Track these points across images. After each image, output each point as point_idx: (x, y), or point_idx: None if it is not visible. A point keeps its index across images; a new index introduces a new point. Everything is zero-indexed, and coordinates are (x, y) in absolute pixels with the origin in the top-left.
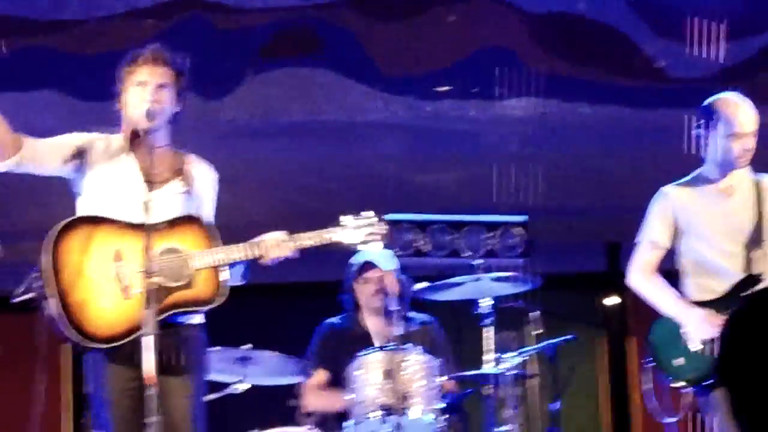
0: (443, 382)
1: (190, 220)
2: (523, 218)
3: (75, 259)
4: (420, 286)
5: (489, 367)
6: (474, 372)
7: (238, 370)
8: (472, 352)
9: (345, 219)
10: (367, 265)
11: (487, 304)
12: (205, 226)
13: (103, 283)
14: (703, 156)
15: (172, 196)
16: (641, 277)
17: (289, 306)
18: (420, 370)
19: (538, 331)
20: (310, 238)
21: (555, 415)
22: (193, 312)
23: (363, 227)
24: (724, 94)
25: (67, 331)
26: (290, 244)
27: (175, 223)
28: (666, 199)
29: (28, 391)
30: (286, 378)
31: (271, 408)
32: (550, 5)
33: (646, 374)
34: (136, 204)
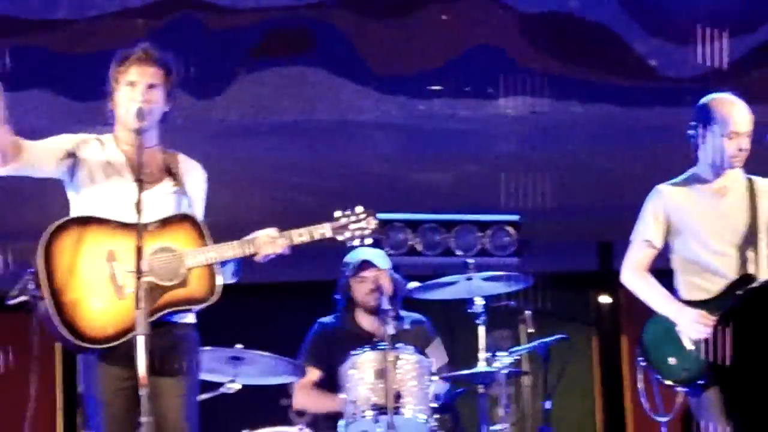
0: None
1: (183, 219)
2: (516, 217)
3: (68, 260)
4: (412, 285)
5: (481, 366)
6: (467, 371)
7: (230, 370)
8: (464, 351)
9: (337, 214)
10: (364, 264)
11: (480, 304)
12: (197, 225)
13: (97, 283)
14: (697, 156)
15: (164, 196)
16: (635, 275)
17: (281, 306)
18: (412, 370)
19: (531, 330)
20: (301, 235)
21: (547, 414)
22: (187, 311)
23: (354, 222)
24: (720, 94)
25: (62, 333)
26: (282, 241)
27: (168, 221)
28: (660, 198)
29: (21, 392)
30: (278, 378)
31: (263, 408)
32: (543, 4)
33: (640, 373)
34: (129, 204)
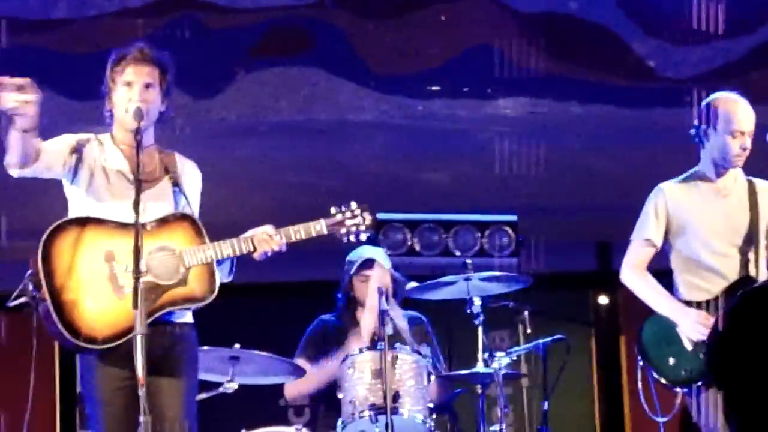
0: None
1: (181, 218)
2: (514, 218)
3: (67, 260)
4: (410, 285)
5: (480, 367)
6: (465, 371)
7: (228, 370)
8: (463, 351)
9: (333, 211)
10: (368, 262)
11: (478, 304)
12: (195, 223)
13: (96, 283)
14: (699, 155)
15: (162, 195)
16: (635, 274)
17: (279, 305)
18: (410, 370)
19: (529, 331)
20: (297, 231)
21: (546, 415)
22: (186, 309)
23: (349, 218)
24: (724, 93)
25: (63, 333)
26: (279, 238)
27: (166, 221)
28: (662, 196)
29: (20, 392)
30: (276, 378)
31: (261, 407)
32: (542, 4)
33: (640, 371)
34: (128, 203)
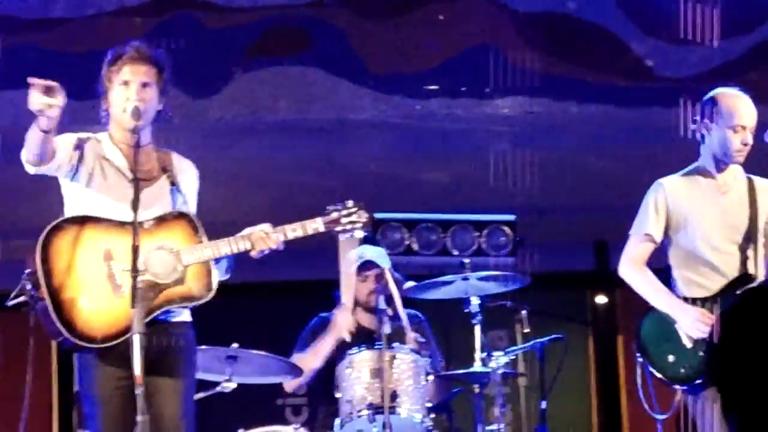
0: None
1: (179, 216)
2: (512, 217)
3: (65, 259)
4: (408, 285)
5: (477, 366)
6: (462, 371)
7: (226, 369)
8: (460, 351)
9: (329, 209)
10: (367, 263)
11: (476, 303)
12: (193, 222)
13: (95, 282)
14: (699, 150)
15: (160, 193)
16: (634, 269)
17: (277, 305)
18: (408, 369)
19: (527, 330)
20: (294, 230)
21: (543, 414)
22: (185, 308)
23: (345, 216)
24: (726, 88)
25: (62, 332)
26: (276, 236)
27: (164, 219)
28: (662, 191)
29: (17, 391)
30: (274, 377)
31: (259, 407)
32: (540, 4)
33: (639, 368)
34: (127, 202)
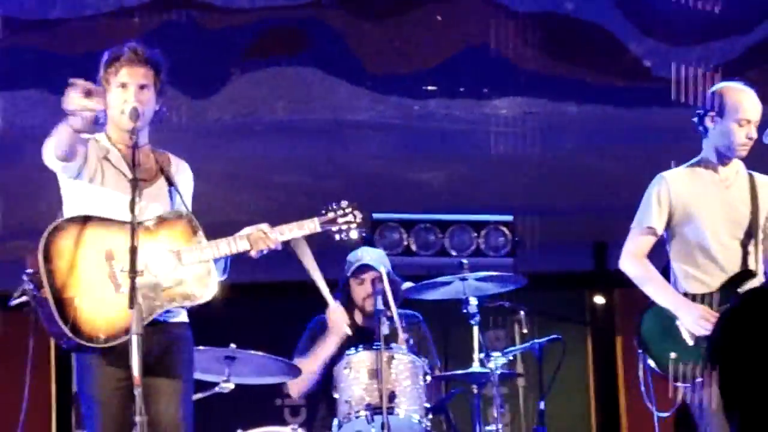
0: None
1: (179, 217)
2: (510, 218)
3: (67, 259)
4: (406, 285)
5: (476, 367)
6: (461, 371)
7: (224, 370)
8: (459, 351)
9: (325, 209)
10: (364, 267)
11: (474, 304)
12: (193, 222)
13: (97, 282)
14: (702, 144)
15: (160, 194)
16: (635, 262)
17: (275, 305)
18: (406, 370)
19: (525, 331)
20: (291, 230)
21: (541, 414)
22: (185, 307)
23: (341, 216)
24: (731, 82)
25: (65, 332)
26: (274, 236)
27: (165, 219)
28: (665, 185)
29: (15, 391)
30: (272, 377)
31: (257, 407)
32: (538, 5)
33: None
34: (126, 202)
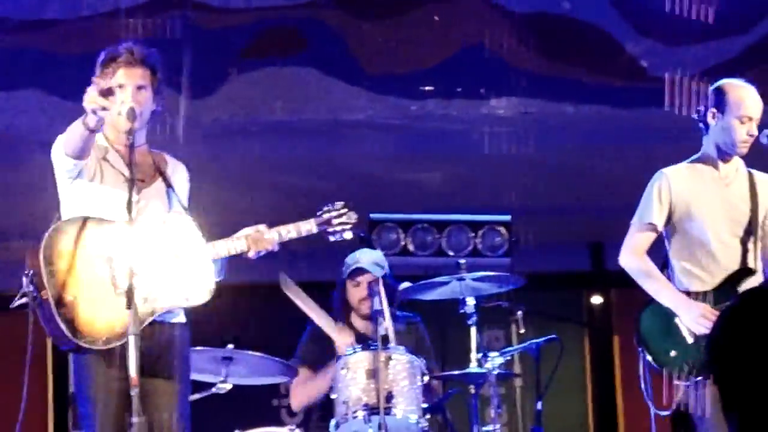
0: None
1: (180, 218)
2: (507, 218)
3: (68, 261)
4: (404, 285)
5: (473, 367)
6: (458, 372)
7: (221, 370)
8: (456, 351)
9: (321, 210)
10: (360, 270)
11: (471, 304)
12: (193, 224)
13: (97, 284)
14: (702, 140)
15: (158, 195)
16: (636, 259)
17: (272, 306)
18: (404, 370)
19: (522, 331)
20: (289, 231)
21: (539, 415)
22: (185, 308)
23: (336, 217)
24: (733, 79)
25: (66, 334)
26: (273, 237)
27: (165, 221)
28: (665, 181)
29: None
30: (269, 378)
31: (254, 408)
32: (535, 5)
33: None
34: (125, 203)
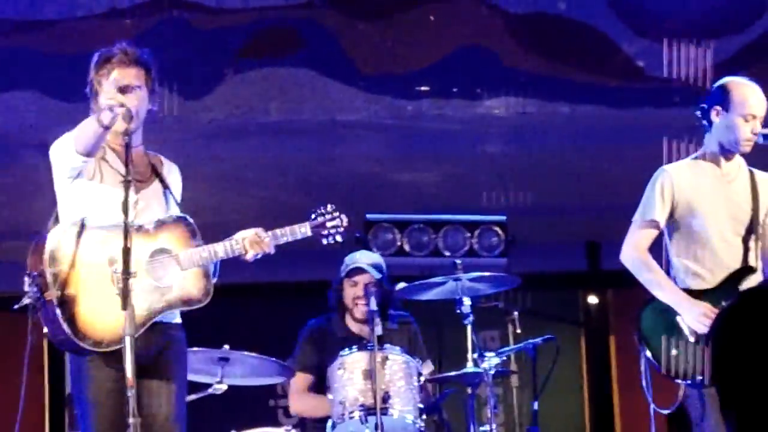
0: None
1: (177, 220)
2: (503, 218)
3: (71, 263)
4: (400, 286)
5: (469, 367)
6: (454, 372)
7: (217, 371)
8: (452, 351)
9: (314, 214)
10: (358, 269)
11: (468, 304)
12: (191, 226)
13: (99, 286)
14: (705, 137)
15: (155, 196)
16: (638, 256)
17: (268, 306)
18: (400, 371)
19: (519, 331)
20: (284, 234)
21: (535, 414)
22: (183, 310)
23: (329, 220)
24: (737, 77)
25: (69, 335)
26: (269, 240)
27: (164, 223)
28: (668, 178)
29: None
30: (265, 378)
31: (250, 408)
32: (531, 5)
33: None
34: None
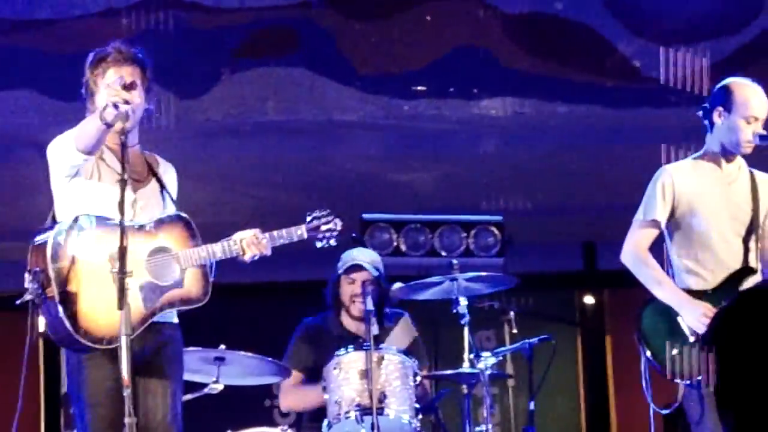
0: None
1: (176, 219)
2: (500, 218)
3: (73, 260)
4: (396, 286)
5: (466, 367)
6: (451, 371)
7: (213, 371)
8: (449, 351)
9: (309, 217)
10: (356, 266)
11: (464, 304)
12: (190, 225)
13: (100, 284)
14: (707, 137)
15: (153, 195)
16: (639, 256)
17: (264, 306)
18: (396, 370)
19: (515, 331)
20: (281, 236)
21: (531, 414)
22: (183, 309)
23: (324, 223)
24: (739, 78)
25: (71, 333)
26: (266, 241)
27: (163, 222)
28: (669, 177)
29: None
30: (261, 378)
31: (246, 408)
32: (527, 5)
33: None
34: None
